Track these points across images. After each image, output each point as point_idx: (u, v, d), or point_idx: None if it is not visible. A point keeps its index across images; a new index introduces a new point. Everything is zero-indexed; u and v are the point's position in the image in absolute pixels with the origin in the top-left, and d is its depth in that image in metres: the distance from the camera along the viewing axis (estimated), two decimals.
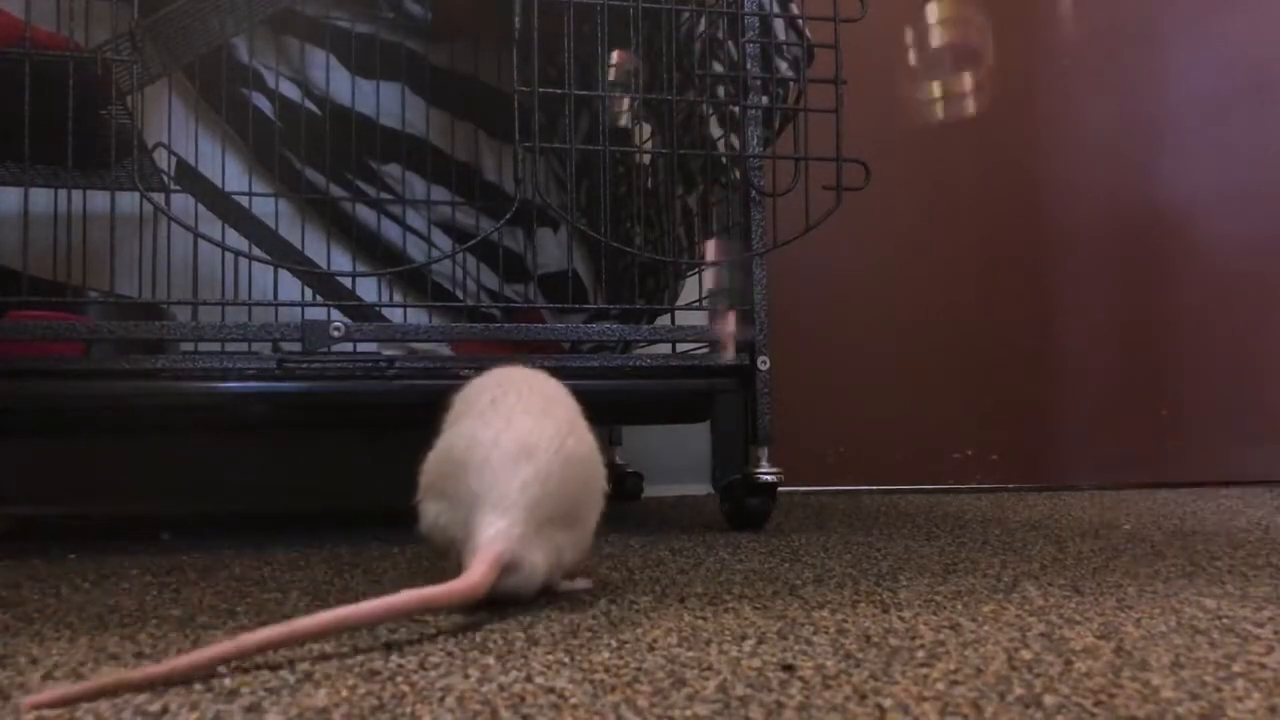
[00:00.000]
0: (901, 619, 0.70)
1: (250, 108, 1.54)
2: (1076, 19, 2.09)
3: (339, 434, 1.63)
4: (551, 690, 0.52)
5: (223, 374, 1.10)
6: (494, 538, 0.68)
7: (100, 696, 0.50)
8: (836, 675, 0.55)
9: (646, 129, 1.44)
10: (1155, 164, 2.14)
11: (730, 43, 1.23)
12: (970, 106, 1.08)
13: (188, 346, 1.29)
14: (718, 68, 1.25)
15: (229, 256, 1.34)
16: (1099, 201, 2.10)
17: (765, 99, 1.22)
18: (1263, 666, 0.55)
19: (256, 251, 1.49)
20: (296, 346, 1.10)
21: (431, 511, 0.74)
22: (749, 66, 1.20)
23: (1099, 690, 0.51)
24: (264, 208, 1.56)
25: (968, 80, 1.10)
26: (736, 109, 1.22)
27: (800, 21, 1.25)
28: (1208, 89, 2.13)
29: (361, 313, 1.50)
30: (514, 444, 0.72)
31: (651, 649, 0.62)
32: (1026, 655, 0.59)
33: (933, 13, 1.11)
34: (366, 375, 1.13)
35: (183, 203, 1.49)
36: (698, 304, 1.41)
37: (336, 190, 1.60)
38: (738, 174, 1.24)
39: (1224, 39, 2.14)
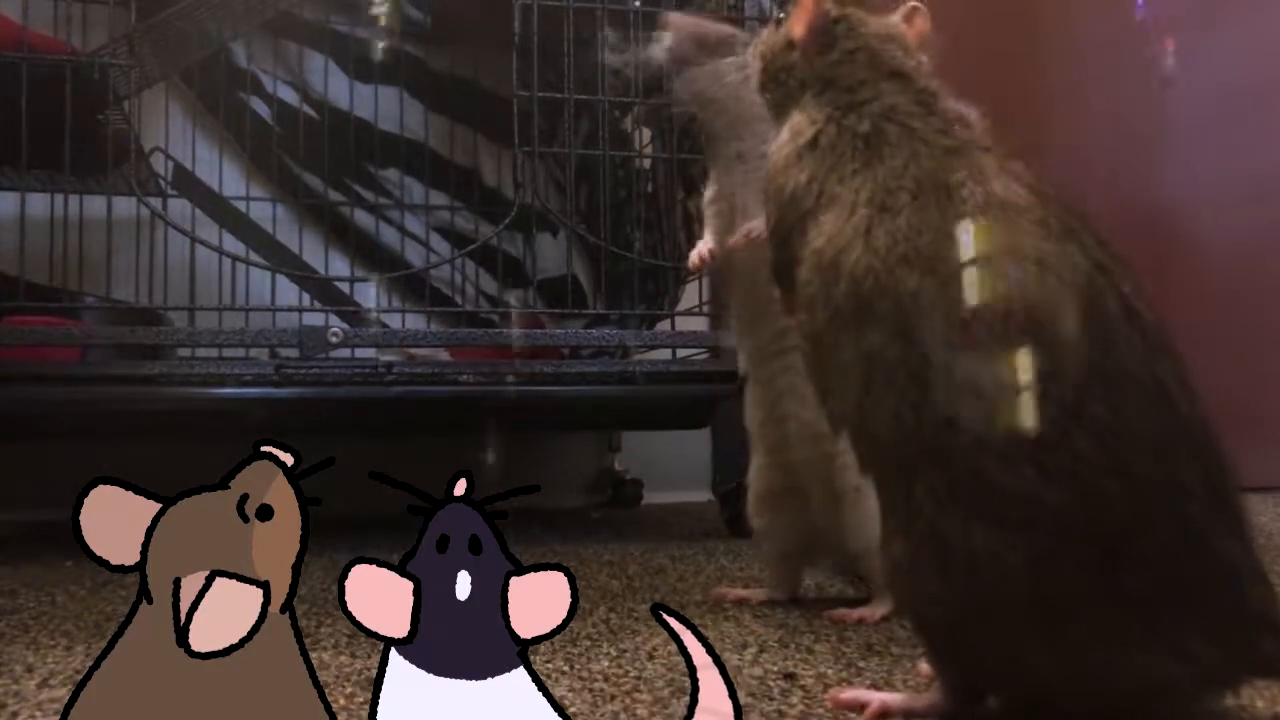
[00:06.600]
0: (904, 626, 0.69)
1: (248, 112, 1.54)
2: (1078, 19, 2.10)
3: (337, 440, 1.62)
4: None
5: (220, 379, 1.10)
6: None
7: None
8: (838, 683, 0.55)
9: (646, 134, 1.43)
10: (1157, 164, 2.14)
11: None
12: None
13: (185, 352, 1.28)
14: None
15: (226, 261, 1.34)
16: (1102, 203, 2.10)
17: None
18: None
19: (254, 256, 1.48)
20: (294, 352, 1.09)
21: None
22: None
23: None
24: (262, 212, 1.55)
25: None
26: None
27: None
28: (1209, 88, 2.13)
29: (360, 318, 1.50)
30: None
31: (651, 657, 0.61)
32: None
33: None
34: (364, 381, 1.13)
35: (180, 207, 1.48)
36: (698, 309, 1.41)
37: (335, 195, 1.60)
38: None
39: (1224, 38, 2.14)
